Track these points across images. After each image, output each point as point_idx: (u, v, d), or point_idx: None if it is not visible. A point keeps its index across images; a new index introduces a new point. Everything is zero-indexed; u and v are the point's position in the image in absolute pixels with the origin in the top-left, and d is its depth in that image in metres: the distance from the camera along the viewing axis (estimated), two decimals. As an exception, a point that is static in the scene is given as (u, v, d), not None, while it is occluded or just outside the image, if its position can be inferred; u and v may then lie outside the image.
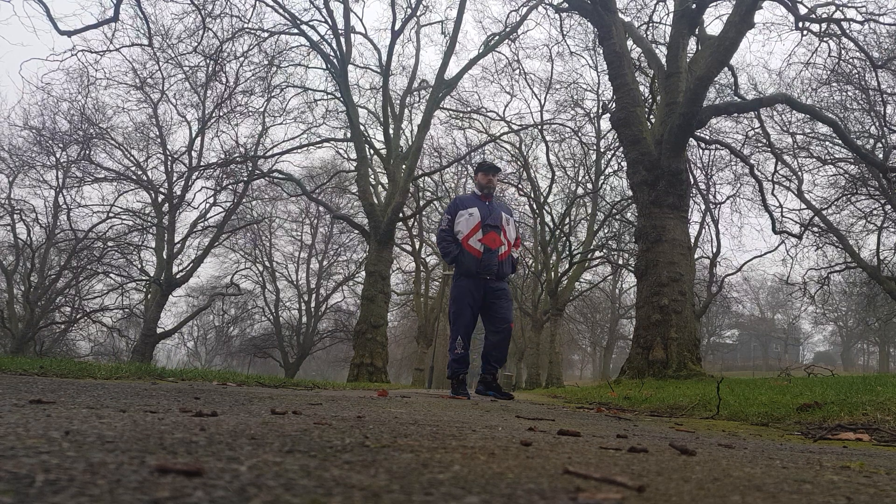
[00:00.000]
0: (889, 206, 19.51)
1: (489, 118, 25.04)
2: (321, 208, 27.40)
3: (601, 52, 12.88)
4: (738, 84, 15.69)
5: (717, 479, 0.92)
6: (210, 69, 17.79)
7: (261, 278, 32.39)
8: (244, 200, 23.74)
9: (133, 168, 23.48)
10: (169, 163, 22.40)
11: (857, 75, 17.42)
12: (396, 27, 16.46)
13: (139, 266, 25.52)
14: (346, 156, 24.39)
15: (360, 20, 35.34)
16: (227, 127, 21.75)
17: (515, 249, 5.55)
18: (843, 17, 14.81)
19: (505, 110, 44.23)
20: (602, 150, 25.33)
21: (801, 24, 14.56)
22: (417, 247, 29.09)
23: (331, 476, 0.72)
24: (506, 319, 5.35)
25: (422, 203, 24.84)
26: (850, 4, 14.90)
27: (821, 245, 21.72)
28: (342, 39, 16.05)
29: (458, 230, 5.32)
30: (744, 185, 22.75)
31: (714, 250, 22.97)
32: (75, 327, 26.32)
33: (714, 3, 12.97)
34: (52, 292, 23.46)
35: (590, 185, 26.48)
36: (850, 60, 16.65)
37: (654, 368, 8.93)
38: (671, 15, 12.71)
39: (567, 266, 25.73)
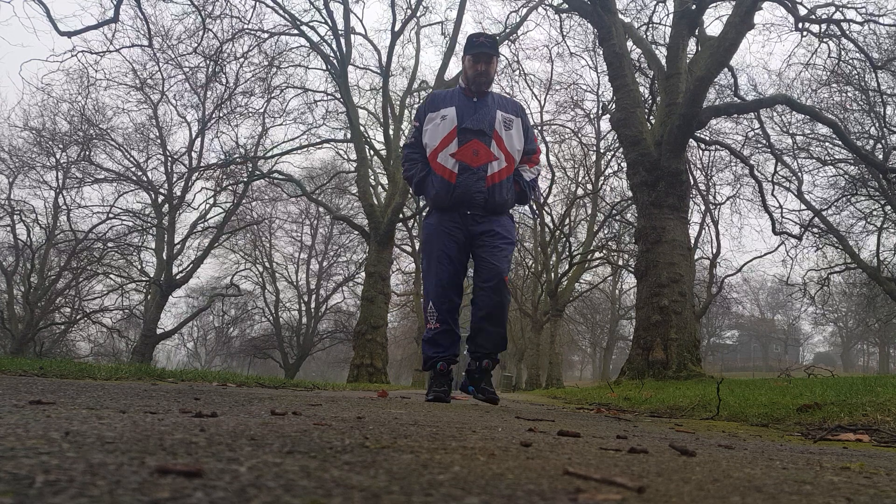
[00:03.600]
0: (889, 207, 19.53)
1: (489, 119, 25.00)
2: (321, 209, 27.42)
3: (601, 52, 12.88)
4: (738, 85, 15.70)
5: (717, 479, 0.92)
6: (210, 70, 17.80)
7: (261, 279, 32.42)
8: (244, 201, 23.76)
9: (133, 169, 23.52)
10: (169, 163, 22.44)
11: (856, 76, 17.44)
12: (396, 28, 16.49)
13: (139, 267, 25.55)
14: (345, 156, 24.44)
15: (360, 21, 35.34)
16: (226, 128, 21.79)
17: (529, 167, 3.77)
18: (842, 17, 14.82)
19: (505, 111, 44.15)
20: (602, 150, 25.34)
21: (800, 25, 14.58)
22: (417, 248, 29.10)
23: (330, 477, 0.72)
24: (496, 269, 3.54)
25: (422, 203, 24.82)
26: (849, 5, 14.91)
27: (821, 246, 21.73)
28: (342, 40, 16.07)
29: (427, 142, 3.65)
30: (744, 186, 22.79)
31: (714, 251, 23.03)
32: (75, 328, 26.36)
33: (714, 4, 13.00)
34: (51, 293, 23.47)
35: (590, 186, 26.49)
36: (850, 61, 16.67)
37: (654, 369, 8.93)
38: (671, 16, 12.72)
39: (567, 267, 25.74)
